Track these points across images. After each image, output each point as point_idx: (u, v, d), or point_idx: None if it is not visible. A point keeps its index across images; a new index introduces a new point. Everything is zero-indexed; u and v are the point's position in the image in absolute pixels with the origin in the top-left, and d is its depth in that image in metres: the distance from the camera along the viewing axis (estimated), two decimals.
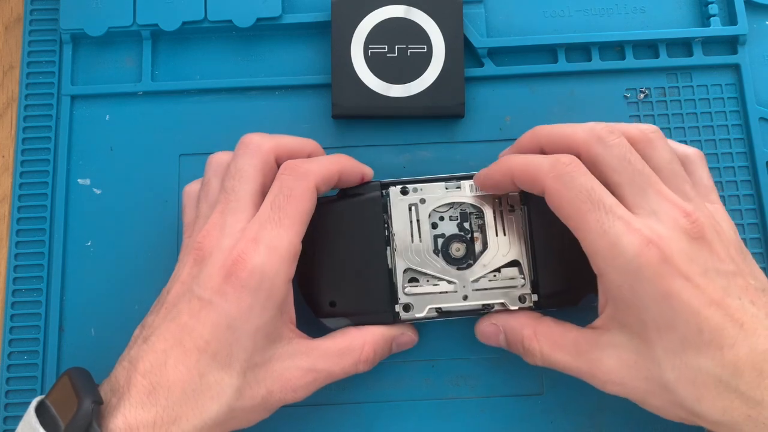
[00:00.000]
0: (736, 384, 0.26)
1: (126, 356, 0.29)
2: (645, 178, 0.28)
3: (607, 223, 0.27)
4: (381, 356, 0.32)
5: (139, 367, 0.27)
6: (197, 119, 0.37)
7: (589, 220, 0.27)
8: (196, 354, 0.27)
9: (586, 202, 0.27)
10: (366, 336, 0.31)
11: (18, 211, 0.36)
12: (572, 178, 0.28)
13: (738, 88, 0.38)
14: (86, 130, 0.37)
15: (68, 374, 0.28)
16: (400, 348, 0.33)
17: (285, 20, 0.38)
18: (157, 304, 0.30)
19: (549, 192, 0.28)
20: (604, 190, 0.28)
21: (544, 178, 0.28)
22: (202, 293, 0.28)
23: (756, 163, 0.36)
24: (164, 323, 0.28)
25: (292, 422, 0.34)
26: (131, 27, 0.38)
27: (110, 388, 0.28)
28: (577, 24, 0.39)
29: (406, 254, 0.32)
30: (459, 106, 0.36)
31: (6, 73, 0.39)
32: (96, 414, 0.26)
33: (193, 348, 0.27)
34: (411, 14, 0.37)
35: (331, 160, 0.32)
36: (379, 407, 0.34)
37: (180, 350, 0.27)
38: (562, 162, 0.28)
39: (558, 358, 0.30)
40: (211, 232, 0.29)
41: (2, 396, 0.34)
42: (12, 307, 0.35)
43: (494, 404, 0.34)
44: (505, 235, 0.32)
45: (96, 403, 0.26)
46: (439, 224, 0.33)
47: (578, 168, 0.28)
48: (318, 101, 0.37)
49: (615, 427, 0.34)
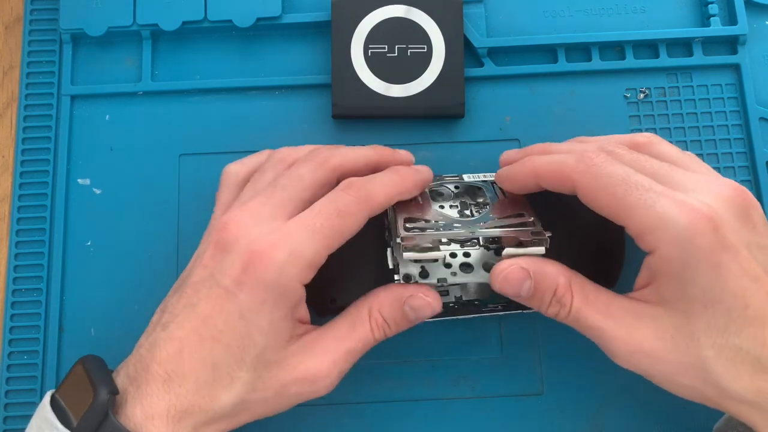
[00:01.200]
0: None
1: (144, 342, 0.28)
2: (666, 166, 0.28)
3: (651, 198, 0.26)
4: (395, 318, 0.30)
5: (157, 356, 0.27)
6: (197, 119, 0.37)
7: (630, 199, 0.27)
8: (210, 343, 0.27)
9: (622, 185, 0.27)
10: (371, 300, 0.30)
11: (18, 211, 0.36)
12: (601, 168, 0.27)
13: (738, 88, 0.38)
14: (86, 130, 0.37)
15: (83, 363, 0.28)
16: (417, 314, 0.30)
17: (285, 20, 0.38)
18: (179, 286, 0.30)
19: (581, 186, 0.28)
20: (639, 174, 0.27)
21: (572, 174, 0.28)
22: (222, 281, 0.27)
23: (756, 163, 0.36)
24: (184, 310, 0.28)
25: (292, 422, 0.34)
26: (131, 27, 0.38)
27: (127, 376, 0.27)
28: (577, 24, 0.39)
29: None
30: (459, 106, 0.36)
31: (6, 73, 0.39)
32: (112, 404, 0.26)
33: (208, 337, 0.27)
34: (411, 14, 0.37)
35: (394, 183, 0.30)
36: (379, 407, 0.34)
37: (196, 339, 0.27)
38: (589, 155, 0.28)
39: (588, 316, 0.28)
40: (242, 218, 0.28)
41: (2, 396, 0.34)
42: (12, 307, 0.35)
43: (494, 404, 0.34)
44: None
45: (112, 394, 0.26)
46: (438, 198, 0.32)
47: (606, 158, 0.28)
48: (318, 101, 0.37)
49: (615, 427, 0.33)
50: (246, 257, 0.27)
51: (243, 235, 0.28)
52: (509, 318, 0.35)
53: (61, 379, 0.34)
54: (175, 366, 0.27)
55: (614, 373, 0.29)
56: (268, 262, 0.27)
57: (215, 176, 0.33)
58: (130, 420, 0.26)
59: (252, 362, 0.28)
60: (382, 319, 0.30)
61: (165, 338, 0.28)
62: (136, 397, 0.26)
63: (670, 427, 0.33)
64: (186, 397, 0.27)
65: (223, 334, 0.27)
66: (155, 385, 0.27)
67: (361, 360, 0.34)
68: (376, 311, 0.30)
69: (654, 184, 0.27)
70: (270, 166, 0.32)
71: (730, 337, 0.26)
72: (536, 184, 0.30)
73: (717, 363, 0.26)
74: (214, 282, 0.28)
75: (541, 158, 0.30)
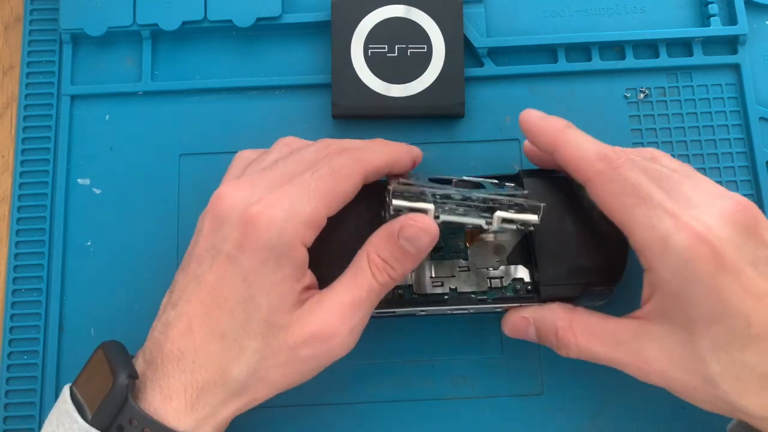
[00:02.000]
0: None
1: (158, 324, 0.28)
2: (673, 176, 0.28)
3: (656, 217, 0.27)
4: (394, 256, 0.28)
5: (170, 335, 0.27)
6: (197, 119, 0.37)
7: (636, 214, 0.27)
8: (217, 312, 0.27)
9: (632, 196, 0.27)
10: (367, 246, 0.29)
11: (18, 211, 0.36)
12: (618, 172, 0.28)
13: (738, 88, 0.38)
14: (86, 130, 0.37)
15: (103, 348, 0.28)
16: (415, 244, 0.28)
17: (285, 20, 0.38)
18: (185, 262, 0.30)
19: (593, 184, 0.28)
20: (653, 185, 0.27)
21: (588, 169, 0.28)
22: (223, 248, 0.27)
23: (756, 163, 0.36)
24: (190, 285, 0.28)
25: (293, 422, 0.34)
26: (131, 27, 0.38)
27: (144, 360, 0.27)
28: (577, 24, 0.39)
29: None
30: (459, 106, 0.36)
31: (6, 73, 0.39)
32: (131, 389, 0.26)
33: (214, 306, 0.27)
34: (411, 14, 0.37)
35: (385, 150, 0.31)
36: (379, 407, 0.34)
37: (203, 311, 0.27)
38: (609, 156, 0.28)
39: (596, 350, 0.29)
40: (238, 188, 0.28)
41: (2, 396, 0.34)
42: (12, 307, 0.35)
43: (494, 404, 0.34)
44: None
45: (131, 378, 0.26)
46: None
47: (625, 162, 0.28)
48: (318, 101, 0.37)
49: (615, 427, 0.34)
50: (244, 220, 0.27)
51: (239, 201, 0.28)
52: None
53: (60, 379, 0.34)
54: (185, 342, 0.27)
55: (614, 373, 0.29)
56: (266, 221, 0.27)
57: (215, 176, 0.33)
58: (150, 404, 0.26)
59: (258, 328, 0.27)
60: (381, 260, 0.28)
61: (175, 316, 0.27)
62: (153, 379, 0.26)
63: (669, 427, 0.33)
64: (199, 372, 0.26)
65: (228, 300, 0.27)
66: (170, 365, 0.27)
67: (361, 360, 0.34)
68: (373, 254, 0.29)
69: (663, 199, 0.27)
70: (275, 149, 0.32)
71: (735, 354, 0.26)
72: (550, 152, 0.30)
73: (723, 380, 0.26)
74: (215, 251, 0.28)
75: (567, 134, 0.29)
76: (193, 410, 0.26)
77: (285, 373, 0.28)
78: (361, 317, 0.28)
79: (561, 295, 0.31)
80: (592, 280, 0.30)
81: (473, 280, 0.32)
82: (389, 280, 0.29)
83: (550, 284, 0.31)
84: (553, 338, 0.30)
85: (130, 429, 0.25)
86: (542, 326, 0.30)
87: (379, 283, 0.28)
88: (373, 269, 0.28)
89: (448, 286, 0.32)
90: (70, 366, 0.34)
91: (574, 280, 0.31)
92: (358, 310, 0.28)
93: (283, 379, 0.28)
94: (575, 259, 0.31)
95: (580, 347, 0.29)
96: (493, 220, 0.29)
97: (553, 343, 0.30)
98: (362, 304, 0.28)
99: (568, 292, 0.31)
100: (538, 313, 0.31)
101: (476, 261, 0.32)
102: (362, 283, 0.28)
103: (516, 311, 0.31)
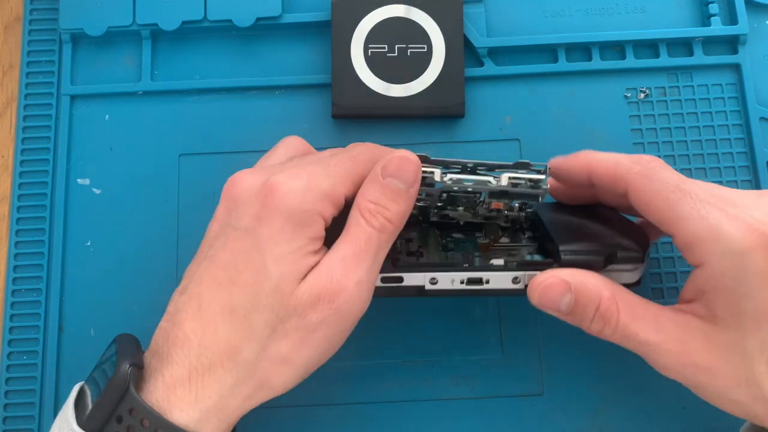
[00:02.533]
0: None
1: (165, 315, 0.27)
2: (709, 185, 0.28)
3: (704, 209, 0.26)
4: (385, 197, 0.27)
5: (177, 320, 0.26)
6: (197, 119, 0.37)
7: (683, 208, 0.26)
8: (228, 287, 0.26)
9: (676, 192, 0.26)
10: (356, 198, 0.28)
11: (18, 210, 0.36)
12: (657, 172, 0.27)
13: (738, 87, 0.38)
14: (86, 130, 0.37)
15: (116, 341, 0.27)
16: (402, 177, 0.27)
17: (285, 20, 0.38)
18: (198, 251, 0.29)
19: (635, 188, 0.28)
20: (694, 181, 0.27)
21: (627, 175, 0.28)
22: (239, 223, 0.27)
23: (756, 163, 0.36)
24: (201, 266, 0.27)
25: (292, 422, 0.34)
26: (131, 27, 0.38)
27: (150, 351, 0.27)
28: (577, 24, 0.39)
29: None
30: (459, 105, 0.36)
31: (6, 73, 0.39)
32: (134, 378, 0.25)
33: (225, 282, 0.26)
34: (411, 14, 0.37)
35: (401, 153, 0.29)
36: (379, 407, 0.34)
37: (214, 287, 0.26)
38: (645, 158, 0.28)
39: (639, 331, 0.27)
40: (253, 172, 0.28)
41: (2, 396, 0.34)
42: (11, 307, 0.35)
43: (494, 404, 0.34)
44: None
45: (134, 366, 0.25)
46: None
47: (661, 163, 0.28)
48: (318, 101, 0.37)
49: (615, 427, 0.33)
50: (264, 192, 0.26)
51: (256, 182, 0.27)
52: (509, 318, 0.35)
53: (60, 379, 0.34)
54: (193, 324, 0.26)
55: (614, 373, 0.29)
56: (287, 189, 0.26)
57: (215, 176, 0.33)
58: (152, 394, 0.25)
59: (268, 300, 0.26)
60: (372, 203, 0.27)
61: (185, 300, 0.26)
62: (158, 369, 0.25)
63: (669, 427, 0.33)
64: (205, 355, 0.25)
65: (242, 274, 0.26)
66: (175, 351, 0.25)
67: (362, 360, 0.34)
68: (363, 201, 0.27)
69: (707, 194, 0.26)
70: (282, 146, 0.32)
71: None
72: (588, 178, 0.29)
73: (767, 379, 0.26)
74: (230, 228, 0.27)
75: (597, 153, 0.29)
76: (198, 400, 0.25)
77: (298, 346, 0.26)
78: (366, 270, 0.27)
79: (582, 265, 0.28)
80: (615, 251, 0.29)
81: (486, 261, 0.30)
82: (386, 223, 0.27)
83: (570, 251, 0.28)
84: (592, 310, 0.27)
85: (130, 419, 0.24)
86: (584, 294, 0.27)
87: (376, 229, 0.27)
88: (366, 216, 0.27)
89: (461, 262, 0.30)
90: (69, 366, 0.34)
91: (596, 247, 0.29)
92: (360, 262, 0.27)
93: (297, 355, 0.26)
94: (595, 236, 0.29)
95: (621, 324, 0.27)
96: (501, 178, 0.28)
97: (590, 315, 0.27)
98: (363, 255, 0.27)
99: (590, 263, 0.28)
100: (579, 278, 0.27)
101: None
102: (358, 233, 0.27)
103: (553, 272, 0.28)
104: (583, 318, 0.28)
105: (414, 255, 0.30)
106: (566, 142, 0.36)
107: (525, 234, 0.33)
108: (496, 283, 0.29)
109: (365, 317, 0.28)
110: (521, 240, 0.32)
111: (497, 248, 0.32)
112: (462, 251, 0.31)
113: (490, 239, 0.32)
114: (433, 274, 0.29)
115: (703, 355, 0.26)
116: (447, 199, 0.30)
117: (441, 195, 0.30)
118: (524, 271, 0.29)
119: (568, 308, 0.27)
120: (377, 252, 0.27)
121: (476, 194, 0.30)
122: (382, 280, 0.29)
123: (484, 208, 0.31)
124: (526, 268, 0.29)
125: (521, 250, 0.31)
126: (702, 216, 0.26)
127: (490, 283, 0.29)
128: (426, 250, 0.31)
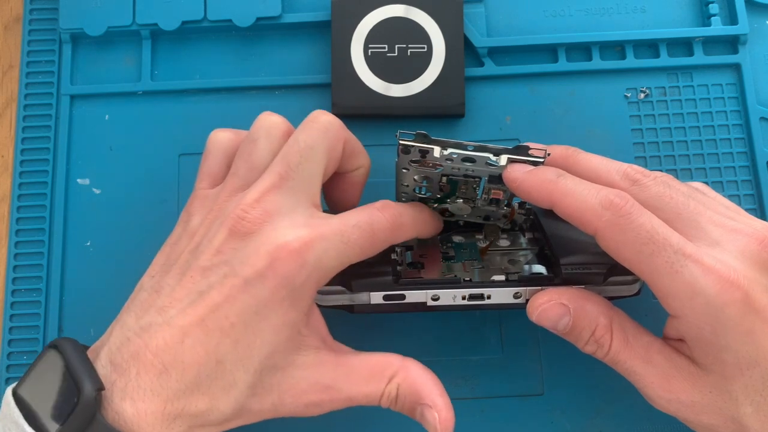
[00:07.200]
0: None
1: (133, 324, 0.26)
2: (690, 205, 0.27)
3: (678, 263, 0.25)
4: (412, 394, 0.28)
5: (152, 343, 0.25)
6: (197, 119, 0.37)
7: (656, 262, 0.25)
8: (218, 336, 0.25)
9: (649, 244, 0.25)
10: (406, 362, 0.28)
11: (17, 211, 0.36)
12: (629, 221, 0.25)
13: (738, 87, 0.38)
14: (85, 130, 0.37)
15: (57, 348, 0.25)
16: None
17: (285, 20, 0.38)
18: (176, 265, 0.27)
19: (603, 236, 0.26)
20: (667, 227, 0.26)
21: (595, 221, 0.26)
22: (241, 271, 0.25)
23: (756, 162, 0.36)
24: (189, 296, 0.25)
25: (292, 422, 0.34)
26: (131, 26, 0.38)
27: (110, 362, 0.25)
28: (577, 24, 0.39)
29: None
30: (459, 105, 0.36)
31: (5, 73, 0.39)
32: (99, 403, 0.23)
33: (216, 329, 0.25)
34: (411, 14, 0.37)
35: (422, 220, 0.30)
36: (379, 407, 0.34)
37: (202, 330, 0.25)
38: (615, 203, 0.26)
39: (627, 360, 0.27)
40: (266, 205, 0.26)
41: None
42: (11, 307, 0.35)
43: (494, 404, 0.34)
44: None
45: (99, 390, 0.24)
46: None
47: (633, 207, 0.26)
48: (318, 101, 0.37)
49: (615, 427, 0.33)
50: (274, 250, 0.25)
51: (269, 225, 0.26)
52: (509, 318, 0.35)
53: None
54: (173, 357, 0.24)
55: (614, 374, 0.29)
56: (298, 260, 0.25)
57: None
58: (120, 416, 0.24)
59: (259, 365, 0.26)
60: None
61: (162, 324, 0.25)
62: (125, 390, 0.24)
63: (669, 427, 0.33)
64: (184, 394, 0.24)
65: (234, 328, 0.25)
66: (148, 378, 0.24)
67: None
68: (402, 374, 0.28)
69: (681, 243, 0.25)
70: (263, 134, 0.29)
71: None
72: (548, 207, 0.28)
73: (755, 420, 0.26)
74: (230, 270, 0.25)
75: (561, 185, 0.27)
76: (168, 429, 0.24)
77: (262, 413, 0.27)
78: (347, 406, 0.28)
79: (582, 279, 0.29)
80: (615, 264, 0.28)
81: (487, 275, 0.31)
82: (389, 406, 0.29)
83: (570, 264, 0.29)
84: (588, 334, 0.28)
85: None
86: (581, 318, 0.27)
87: (381, 403, 0.29)
88: (391, 375, 0.28)
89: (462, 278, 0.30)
90: None
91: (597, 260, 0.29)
92: (349, 405, 0.28)
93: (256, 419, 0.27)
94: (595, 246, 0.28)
95: (613, 352, 0.27)
96: (500, 158, 0.28)
97: (585, 338, 0.28)
98: (356, 404, 0.28)
99: (591, 277, 0.29)
100: (579, 303, 0.28)
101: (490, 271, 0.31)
102: (371, 391, 0.28)
103: (553, 295, 0.28)
104: (578, 339, 0.28)
105: (415, 266, 0.31)
106: (566, 142, 0.36)
107: (525, 236, 0.33)
108: (497, 298, 0.29)
109: (366, 317, 0.28)
110: (521, 242, 0.32)
111: (497, 252, 0.32)
112: (462, 260, 0.31)
113: (490, 241, 0.32)
114: (435, 291, 0.29)
115: (688, 392, 0.26)
116: (446, 185, 0.30)
117: (441, 180, 0.30)
118: (525, 287, 0.29)
119: (565, 329, 0.28)
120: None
121: (475, 179, 0.29)
122: (385, 297, 0.29)
123: (484, 199, 0.31)
124: (528, 284, 0.29)
125: (521, 255, 0.31)
126: (676, 271, 0.25)
127: (491, 299, 0.29)
128: (426, 259, 0.31)
